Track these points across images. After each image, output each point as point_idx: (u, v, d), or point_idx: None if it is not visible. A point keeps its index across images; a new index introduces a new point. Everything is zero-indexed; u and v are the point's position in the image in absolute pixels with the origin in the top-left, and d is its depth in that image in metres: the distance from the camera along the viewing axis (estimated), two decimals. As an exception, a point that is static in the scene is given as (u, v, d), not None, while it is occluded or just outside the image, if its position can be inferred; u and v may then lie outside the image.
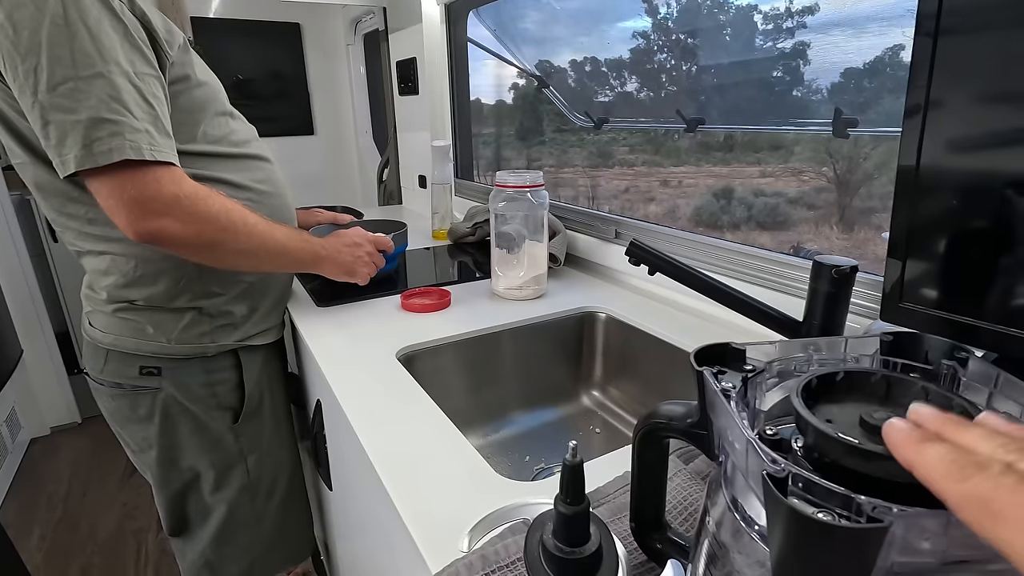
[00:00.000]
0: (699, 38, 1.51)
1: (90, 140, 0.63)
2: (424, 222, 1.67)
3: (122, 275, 0.78)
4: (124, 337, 0.80)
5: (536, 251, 1.01)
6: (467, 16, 1.58)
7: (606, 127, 1.71)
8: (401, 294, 0.99)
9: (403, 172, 2.00)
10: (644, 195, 2.21)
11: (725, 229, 1.83)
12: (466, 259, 1.34)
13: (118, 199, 0.66)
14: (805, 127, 1.28)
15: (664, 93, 1.73)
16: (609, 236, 1.10)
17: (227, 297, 0.85)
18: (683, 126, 1.47)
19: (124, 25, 0.66)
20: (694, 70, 1.64)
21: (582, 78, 2.16)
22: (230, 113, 0.85)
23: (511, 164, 2.09)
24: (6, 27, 0.61)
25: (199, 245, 0.73)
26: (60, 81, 0.62)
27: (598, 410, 0.98)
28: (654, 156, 1.94)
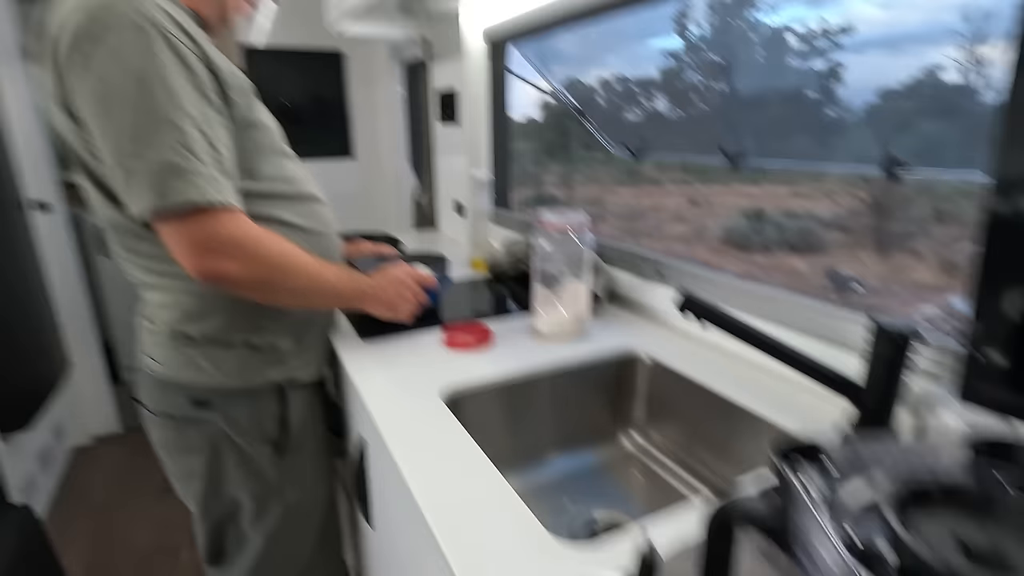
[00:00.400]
0: (731, 57, 1.50)
1: (162, 186, 0.66)
2: (461, 249, 1.68)
3: (181, 310, 0.81)
4: (179, 370, 0.83)
5: (579, 290, 1.01)
6: (507, 47, 1.61)
7: (645, 159, 1.71)
8: (444, 329, 1.00)
9: (440, 197, 2.03)
10: (672, 214, 2.18)
11: (756, 251, 1.80)
12: (505, 291, 1.35)
13: (183, 241, 0.69)
14: (852, 167, 1.26)
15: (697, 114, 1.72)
16: (650, 276, 1.09)
17: (276, 331, 0.87)
18: (725, 162, 1.46)
19: (195, 75, 0.70)
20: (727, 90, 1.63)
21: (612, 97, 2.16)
22: (286, 154, 0.87)
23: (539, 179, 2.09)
24: (94, 83, 0.65)
25: (256, 285, 0.76)
26: (136, 131, 0.65)
27: (639, 454, 0.97)
28: (682, 174, 1.91)
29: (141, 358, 0.87)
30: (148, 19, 0.67)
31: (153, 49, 0.66)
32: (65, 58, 0.67)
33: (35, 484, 1.86)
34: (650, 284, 1.10)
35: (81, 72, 0.66)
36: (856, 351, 0.74)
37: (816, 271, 1.46)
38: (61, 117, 0.72)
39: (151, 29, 0.66)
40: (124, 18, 0.66)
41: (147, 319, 0.85)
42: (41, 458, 1.95)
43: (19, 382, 1.78)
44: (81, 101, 0.67)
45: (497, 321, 1.08)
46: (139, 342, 0.88)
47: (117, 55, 0.65)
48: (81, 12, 0.66)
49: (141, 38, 0.66)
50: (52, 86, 0.71)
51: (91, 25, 0.65)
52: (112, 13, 0.65)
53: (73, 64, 0.66)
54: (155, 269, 0.80)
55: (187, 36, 0.71)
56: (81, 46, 0.65)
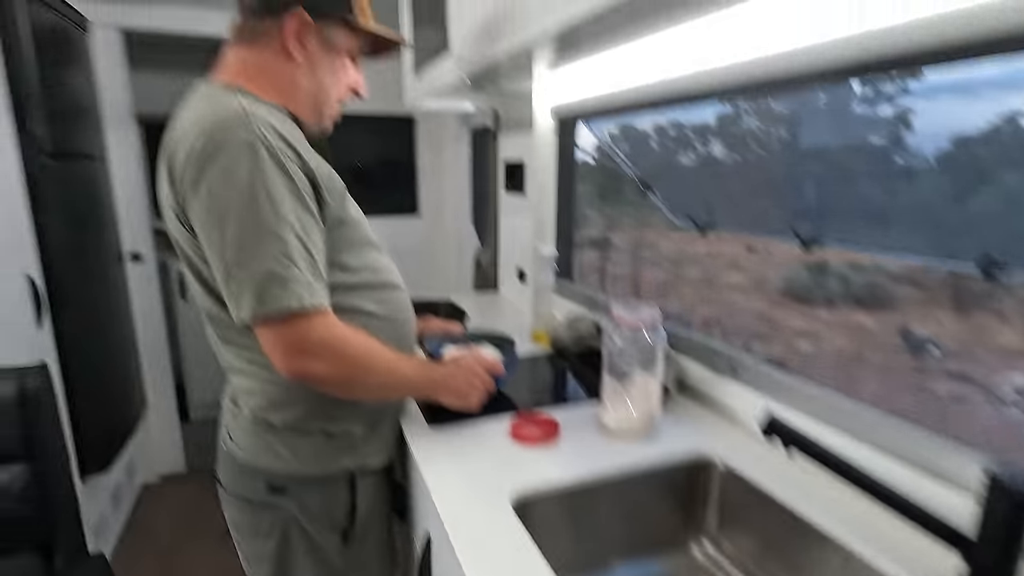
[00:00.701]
0: (792, 102, 1.46)
1: (262, 293, 0.71)
2: (522, 318, 1.70)
3: (266, 398, 0.84)
4: (259, 455, 0.86)
5: (649, 386, 0.99)
6: (577, 125, 1.64)
7: (711, 233, 1.69)
8: (510, 421, 1.00)
9: (502, 262, 2.06)
10: (728, 261, 2.11)
11: (818, 305, 1.70)
12: (568, 368, 1.34)
13: (278, 343, 0.74)
14: (939, 261, 1.19)
15: (755, 160, 1.67)
16: (724, 371, 1.06)
17: (350, 419, 0.89)
18: (797, 243, 1.42)
19: (295, 184, 0.74)
20: (787, 136, 1.58)
21: (666, 142, 2.14)
22: (372, 244, 0.92)
23: (589, 223, 2.07)
24: (205, 200, 0.71)
25: (340, 382, 0.80)
26: (243, 243, 0.71)
27: (709, 565, 0.92)
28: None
29: (224, 439, 0.91)
30: (257, 136, 0.72)
31: (260, 165, 0.71)
32: (181, 173, 0.73)
33: (106, 523, 1.95)
34: (724, 380, 1.06)
35: (195, 187, 0.72)
36: (969, 491, 0.68)
37: (886, 330, 1.37)
38: (175, 223, 0.78)
39: (259, 146, 0.72)
40: (235, 137, 0.71)
41: (232, 403, 0.89)
42: (114, 497, 2.04)
43: (105, 426, 1.90)
44: (193, 214, 0.73)
45: (562, 410, 1.07)
46: (223, 423, 0.92)
47: (228, 172, 0.71)
48: (198, 131, 0.72)
49: (250, 156, 0.71)
50: (168, 194, 0.77)
51: (206, 144, 0.71)
52: (225, 133, 0.71)
53: (188, 180, 0.72)
54: (245, 357, 0.84)
55: (289, 147, 0.76)
56: (196, 163, 0.71)
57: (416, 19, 1.66)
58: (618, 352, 0.98)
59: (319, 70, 0.86)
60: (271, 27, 0.82)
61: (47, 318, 1.63)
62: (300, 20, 0.81)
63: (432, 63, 1.57)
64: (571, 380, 1.31)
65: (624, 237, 2.88)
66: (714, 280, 2.21)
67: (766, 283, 2.03)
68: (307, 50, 0.84)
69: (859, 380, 1.44)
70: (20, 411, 1.21)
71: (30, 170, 1.56)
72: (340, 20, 0.85)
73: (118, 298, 2.15)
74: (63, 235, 1.66)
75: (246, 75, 0.82)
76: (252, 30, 0.82)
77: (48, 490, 1.27)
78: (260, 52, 0.83)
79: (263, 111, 0.76)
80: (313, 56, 0.85)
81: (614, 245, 3.08)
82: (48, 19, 1.68)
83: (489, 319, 1.76)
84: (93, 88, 2.08)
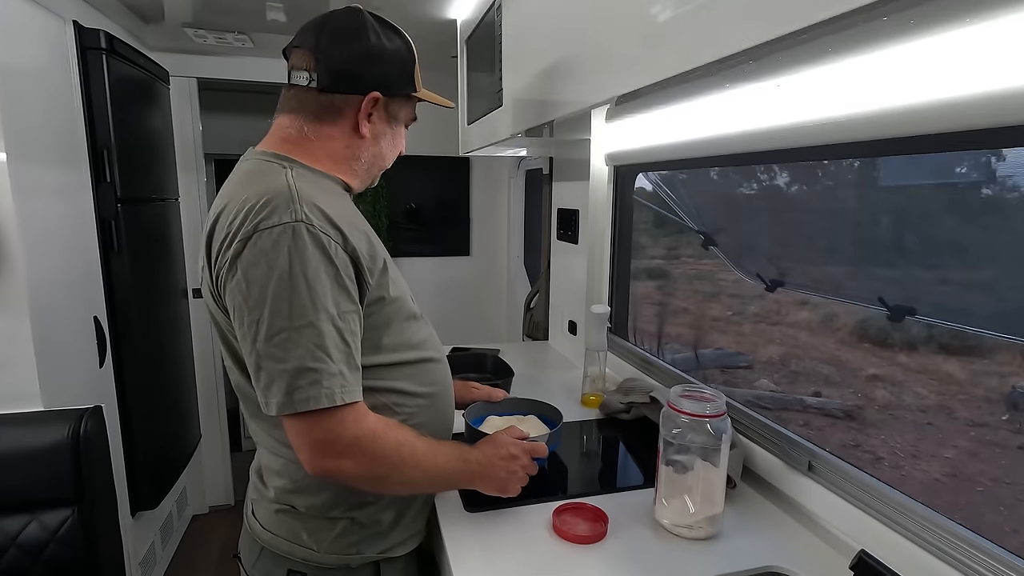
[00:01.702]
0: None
1: (292, 388, 0.67)
2: (571, 373, 1.61)
3: (292, 481, 0.80)
4: (280, 538, 0.81)
5: (712, 479, 0.88)
6: (636, 177, 1.57)
7: (781, 290, 1.56)
8: (553, 511, 0.91)
9: (552, 312, 1.99)
10: (793, 298, 1.94)
11: (897, 348, 1.52)
12: (619, 438, 1.24)
13: (305, 440, 0.69)
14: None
15: (823, 191, 1.52)
16: (799, 466, 0.93)
17: (378, 506, 0.84)
18: (882, 309, 1.27)
19: (336, 268, 0.70)
20: (856, 164, 1.42)
21: (729, 172, 2.00)
22: (413, 316, 0.87)
23: (646, 252, 1.95)
24: (241, 282, 0.68)
25: (369, 480, 0.75)
26: (276, 332, 0.67)
27: None
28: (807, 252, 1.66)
29: (247, 514, 0.87)
30: (300, 219, 0.68)
31: (300, 249, 0.67)
32: (218, 252, 0.70)
33: (154, 556, 1.98)
34: (798, 476, 0.94)
35: (231, 269, 0.69)
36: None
37: (978, 380, 1.19)
38: (210, 300, 0.76)
39: (301, 228, 0.68)
40: (276, 220, 0.67)
41: (259, 477, 0.86)
42: (163, 529, 2.08)
43: (160, 464, 1.94)
44: (228, 296, 0.70)
45: (613, 497, 0.97)
46: (249, 496, 0.89)
47: (265, 256, 0.67)
48: (239, 209, 0.69)
49: (290, 240, 0.67)
50: (204, 270, 0.75)
51: (246, 225, 0.68)
52: (267, 215, 0.68)
53: (225, 261, 0.69)
54: (274, 435, 0.81)
55: (334, 227, 0.71)
56: (235, 245, 0.68)
57: (471, 70, 1.65)
58: (675, 440, 0.88)
59: (382, 142, 0.87)
60: (343, 104, 0.81)
61: (109, 358, 1.68)
62: (375, 100, 0.82)
63: (486, 115, 1.55)
64: (623, 453, 1.21)
65: (680, 267, 2.74)
66: (779, 316, 2.06)
67: (836, 320, 1.85)
68: (374, 126, 0.84)
69: (948, 436, 1.27)
70: (72, 455, 1.23)
71: (104, 216, 1.64)
72: (406, 96, 0.87)
73: (180, 333, 2.22)
74: (130, 276, 1.72)
75: (302, 146, 0.81)
76: (320, 104, 0.80)
77: (94, 534, 1.28)
78: (324, 126, 0.81)
79: (310, 187, 0.73)
80: (377, 130, 0.85)
81: (672, 277, 2.94)
82: (132, 73, 1.79)
83: (537, 374, 1.68)
84: (170, 132, 2.20)
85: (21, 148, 1.27)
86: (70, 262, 1.51)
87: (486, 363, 1.58)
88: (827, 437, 2.17)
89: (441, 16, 1.71)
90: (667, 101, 1.17)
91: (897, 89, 0.65)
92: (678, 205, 1.73)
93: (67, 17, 1.52)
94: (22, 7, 1.34)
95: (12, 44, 1.28)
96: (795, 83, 0.84)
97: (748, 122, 0.95)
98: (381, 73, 0.82)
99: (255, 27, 1.99)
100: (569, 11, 0.92)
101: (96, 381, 1.62)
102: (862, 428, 2.41)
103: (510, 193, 2.67)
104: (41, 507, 1.22)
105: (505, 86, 1.27)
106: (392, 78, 0.83)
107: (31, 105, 1.35)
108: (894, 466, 2.13)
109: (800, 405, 2.60)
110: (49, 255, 1.39)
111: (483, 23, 1.43)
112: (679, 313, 3.09)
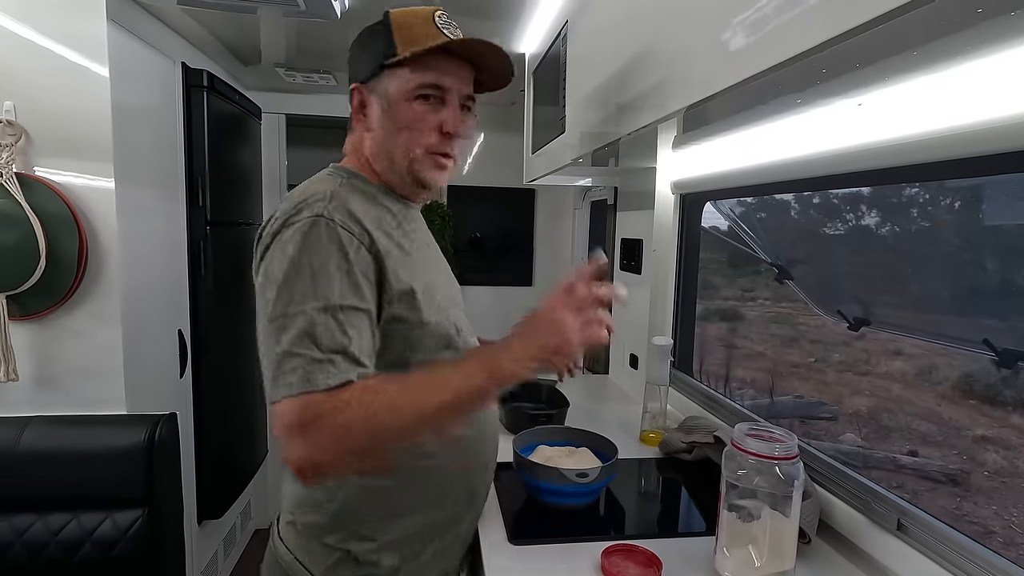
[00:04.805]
0: None
1: (276, 374, 0.63)
2: (630, 408, 1.54)
3: (294, 492, 0.79)
4: (287, 550, 0.79)
5: (781, 529, 0.79)
6: (703, 206, 1.51)
7: (870, 337, 1.42)
8: (603, 551, 0.85)
9: (613, 345, 1.93)
10: (885, 346, 1.75)
11: (1010, 408, 1.33)
12: (679, 480, 1.16)
13: (279, 429, 0.62)
14: None
15: (918, 232, 1.37)
16: (887, 524, 0.82)
17: (378, 544, 0.77)
18: (987, 354, 1.12)
19: (349, 263, 0.67)
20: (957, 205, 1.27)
21: (810, 210, 1.86)
22: (451, 346, 0.80)
23: (719, 292, 1.85)
24: (261, 271, 0.69)
25: (351, 455, 0.63)
26: (276, 316, 0.65)
27: None
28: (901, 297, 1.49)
29: (273, 523, 0.86)
30: (323, 215, 0.68)
31: (311, 238, 0.66)
32: (254, 246, 0.73)
33: (215, 566, 2.04)
34: (885, 535, 0.83)
35: (259, 264, 0.70)
36: None
37: None
38: None
39: (321, 221, 0.67)
40: (303, 216, 0.68)
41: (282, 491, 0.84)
42: (226, 541, 2.14)
43: (227, 474, 2.02)
44: (256, 286, 0.71)
45: (669, 542, 0.90)
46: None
47: (284, 247, 0.67)
48: (280, 212, 0.71)
49: (305, 229, 0.67)
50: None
51: (281, 224, 0.69)
52: (299, 213, 0.68)
53: (256, 253, 0.72)
54: None
55: (359, 226, 0.70)
56: (265, 242, 0.70)
57: (537, 103, 1.68)
58: (739, 482, 0.80)
59: (385, 127, 0.78)
60: (352, 111, 0.82)
61: (189, 370, 1.79)
62: (357, 92, 0.80)
63: (550, 143, 1.55)
64: (683, 495, 1.13)
65: (757, 309, 2.60)
66: (867, 366, 1.89)
67: (935, 373, 1.67)
68: (368, 117, 0.80)
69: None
70: (146, 457, 1.30)
71: (194, 237, 1.78)
72: (379, 67, 0.77)
73: (253, 351, 2.34)
74: (213, 293, 1.85)
75: (355, 157, 0.84)
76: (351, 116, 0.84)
77: (160, 536, 1.33)
78: (352, 135, 0.84)
79: (356, 196, 0.75)
80: (371, 118, 0.80)
81: (746, 320, 2.77)
82: (229, 109, 1.96)
83: (594, 407, 1.62)
84: (258, 162, 2.38)
85: (128, 174, 1.41)
86: (161, 278, 1.64)
87: (541, 393, 1.54)
88: (925, 502, 1.93)
89: (511, 51, 1.76)
90: (737, 126, 1.13)
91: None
92: (755, 241, 1.65)
93: (176, 59, 1.69)
94: (140, 51, 1.51)
95: (130, 85, 1.43)
96: (878, 100, 0.78)
97: (825, 143, 0.89)
98: (354, 63, 0.81)
99: (339, 67, 2.14)
100: (631, 28, 0.91)
101: (175, 390, 1.72)
102: (968, 495, 2.12)
103: (575, 224, 2.65)
104: (116, 505, 1.29)
105: (568, 113, 1.27)
106: (362, 61, 0.79)
107: (140, 136, 1.50)
108: (1009, 542, 1.85)
109: (892, 464, 2.34)
110: (143, 271, 1.52)
111: (549, 54, 1.46)
112: (753, 357, 2.90)
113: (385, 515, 0.77)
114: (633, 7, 0.92)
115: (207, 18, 1.65)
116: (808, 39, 0.46)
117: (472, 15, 1.53)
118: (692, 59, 0.72)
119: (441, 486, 0.80)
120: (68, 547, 1.26)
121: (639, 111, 0.89)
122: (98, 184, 1.32)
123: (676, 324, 1.55)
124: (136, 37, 1.47)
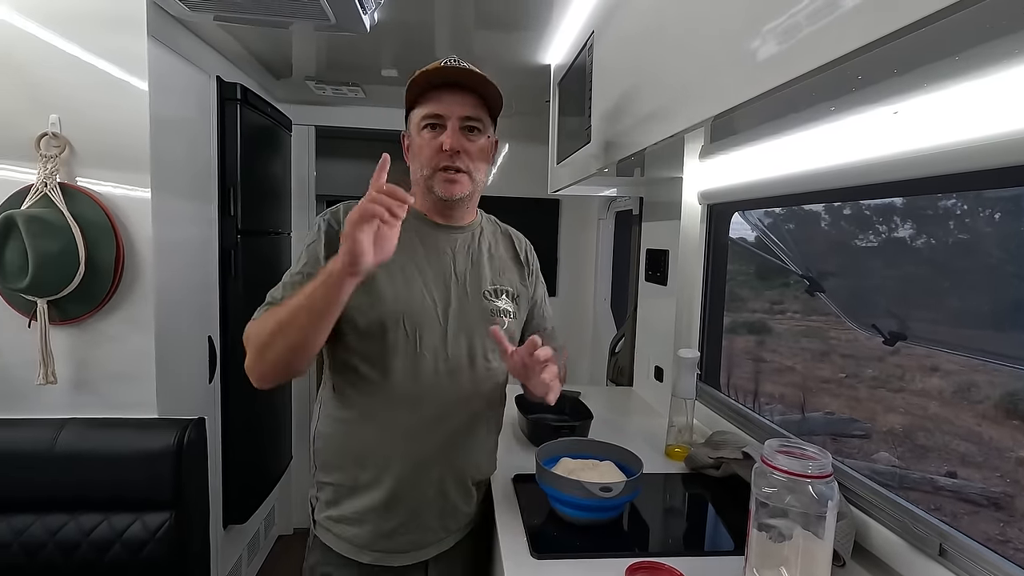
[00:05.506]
0: None
1: None
2: (655, 421, 1.51)
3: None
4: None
5: (814, 551, 0.76)
6: (731, 216, 1.49)
7: (905, 352, 1.37)
8: (626, 568, 0.83)
9: (638, 356, 1.90)
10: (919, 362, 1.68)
11: None
12: (706, 496, 1.13)
13: None
14: None
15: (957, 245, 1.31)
16: (928, 549, 0.79)
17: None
18: None
19: (321, 244, 0.92)
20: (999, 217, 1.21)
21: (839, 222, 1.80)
22: (429, 355, 0.96)
23: (746, 305, 1.80)
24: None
25: (258, 356, 0.89)
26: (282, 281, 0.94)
27: None
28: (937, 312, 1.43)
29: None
30: (327, 219, 0.94)
31: (313, 238, 0.94)
32: None
33: (240, 570, 2.06)
34: (926, 560, 0.79)
35: None
36: None
37: None
38: None
39: (322, 224, 0.95)
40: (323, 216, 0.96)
41: None
42: (250, 546, 2.17)
43: (253, 479, 2.05)
44: None
45: (695, 561, 0.87)
46: None
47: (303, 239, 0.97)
48: None
49: (311, 232, 0.96)
50: None
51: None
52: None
53: None
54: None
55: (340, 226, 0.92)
56: None
57: (562, 114, 1.68)
58: (769, 500, 0.78)
59: (412, 162, 1.00)
60: None
61: (218, 375, 1.83)
62: (403, 139, 1.02)
63: (575, 153, 1.55)
64: (710, 512, 1.10)
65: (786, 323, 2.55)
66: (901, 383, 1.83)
67: (975, 391, 1.61)
68: (409, 157, 1.01)
69: None
70: (175, 460, 1.32)
71: (225, 245, 1.82)
72: (406, 116, 1.01)
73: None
74: (243, 300, 1.88)
75: None
76: None
77: (187, 538, 1.35)
78: None
79: None
80: (410, 151, 1.01)
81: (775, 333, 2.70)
82: (261, 121, 2.01)
83: (619, 419, 1.60)
84: (288, 173, 2.43)
85: (163, 183, 1.45)
86: (193, 284, 1.68)
87: (564, 405, 1.53)
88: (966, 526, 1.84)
89: (537, 62, 1.77)
90: (767, 135, 1.11)
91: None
92: (784, 252, 1.61)
93: (212, 73, 1.75)
94: (178, 66, 1.56)
95: (167, 98, 1.48)
96: (916, 107, 0.75)
97: (859, 152, 0.87)
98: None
99: (369, 80, 2.18)
100: (657, 37, 0.91)
101: (204, 395, 1.75)
102: (1012, 520, 2.02)
103: (599, 234, 2.64)
104: (146, 507, 1.32)
105: (594, 123, 1.27)
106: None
107: (176, 148, 1.55)
108: (1059, 573, 1.75)
109: (930, 485, 2.24)
110: (176, 278, 1.56)
111: (575, 65, 1.46)
112: (782, 371, 2.83)
113: (326, 463, 1.00)
114: (659, 16, 0.91)
115: (242, 33, 1.70)
116: (844, 44, 0.44)
117: (498, 28, 1.55)
118: (720, 68, 0.71)
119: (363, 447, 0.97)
120: (99, 547, 1.29)
121: (665, 121, 0.88)
122: (135, 194, 1.37)
123: (703, 336, 1.52)
124: (174, 52, 1.52)
